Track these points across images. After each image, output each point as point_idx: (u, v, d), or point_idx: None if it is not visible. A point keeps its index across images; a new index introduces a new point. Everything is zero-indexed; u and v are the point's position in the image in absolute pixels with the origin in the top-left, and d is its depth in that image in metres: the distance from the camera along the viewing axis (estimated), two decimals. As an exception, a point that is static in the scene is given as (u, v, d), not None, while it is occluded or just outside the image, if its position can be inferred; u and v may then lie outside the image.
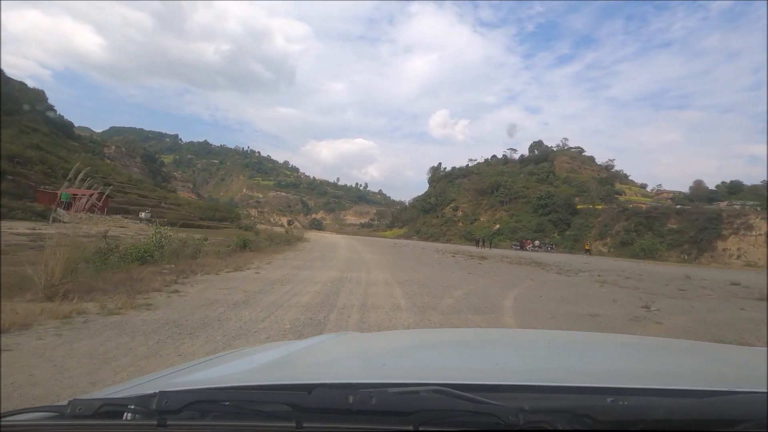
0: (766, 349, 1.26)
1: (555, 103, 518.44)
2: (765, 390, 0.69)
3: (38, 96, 59.23)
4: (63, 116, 70.10)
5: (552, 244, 51.46)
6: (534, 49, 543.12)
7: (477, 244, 44.04)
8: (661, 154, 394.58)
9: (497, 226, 70.07)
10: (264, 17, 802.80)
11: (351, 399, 0.62)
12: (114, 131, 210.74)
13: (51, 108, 59.29)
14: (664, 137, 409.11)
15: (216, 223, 33.60)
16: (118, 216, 24.18)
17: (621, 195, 71.54)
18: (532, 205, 69.61)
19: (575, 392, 0.72)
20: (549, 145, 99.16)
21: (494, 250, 34.18)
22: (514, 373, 0.96)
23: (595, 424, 0.59)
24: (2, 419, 0.64)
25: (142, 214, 31.73)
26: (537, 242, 51.18)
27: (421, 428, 0.60)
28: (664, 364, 1.14)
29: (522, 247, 46.05)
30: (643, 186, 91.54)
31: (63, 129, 57.64)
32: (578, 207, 62.65)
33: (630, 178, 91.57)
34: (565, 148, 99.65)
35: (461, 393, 0.63)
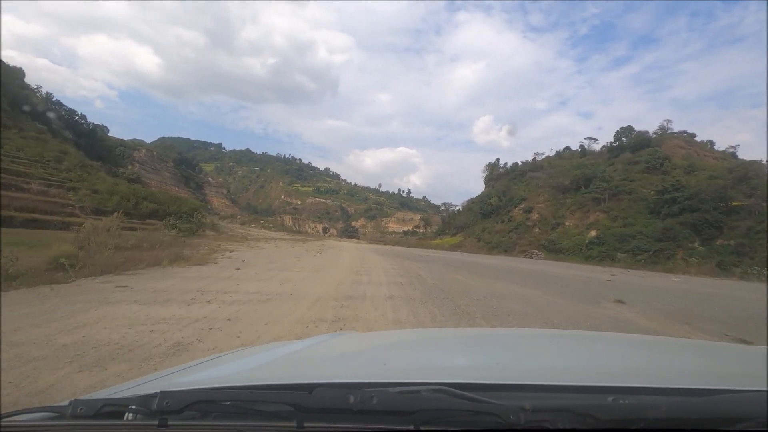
0: (766, 347, 1.24)
1: (610, 107, 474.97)
2: (765, 389, 0.68)
3: (16, 74, 49.54)
4: (86, 118, 61.08)
5: None
6: (587, 52, 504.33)
7: None
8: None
9: (593, 232, 49.90)
10: (308, 29, 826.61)
11: (352, 399, 0.61)
12: (161, 141, 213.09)
13: (27, 87, 49.31)
14: (734, 137, 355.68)
15: (131, 222, 18.91)
16: None
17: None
18: (646, 203, 48.89)
19: (576, 391, 0.71)
20: (646, 130, 76.65)
21: None
22: (515, 372, 0.95)
23: (596, 423, 0.58)
24: (2, 420, 0.63)
25: None
26: None
27: (422, 428, 0.59)
28: (665, 363, 1.14)
29: None
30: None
31: (39, 117, 47.10)
32: (733, 204, 41.22)
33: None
34: (668, 132, 76.50)
35: (462, 392, 0.62)
